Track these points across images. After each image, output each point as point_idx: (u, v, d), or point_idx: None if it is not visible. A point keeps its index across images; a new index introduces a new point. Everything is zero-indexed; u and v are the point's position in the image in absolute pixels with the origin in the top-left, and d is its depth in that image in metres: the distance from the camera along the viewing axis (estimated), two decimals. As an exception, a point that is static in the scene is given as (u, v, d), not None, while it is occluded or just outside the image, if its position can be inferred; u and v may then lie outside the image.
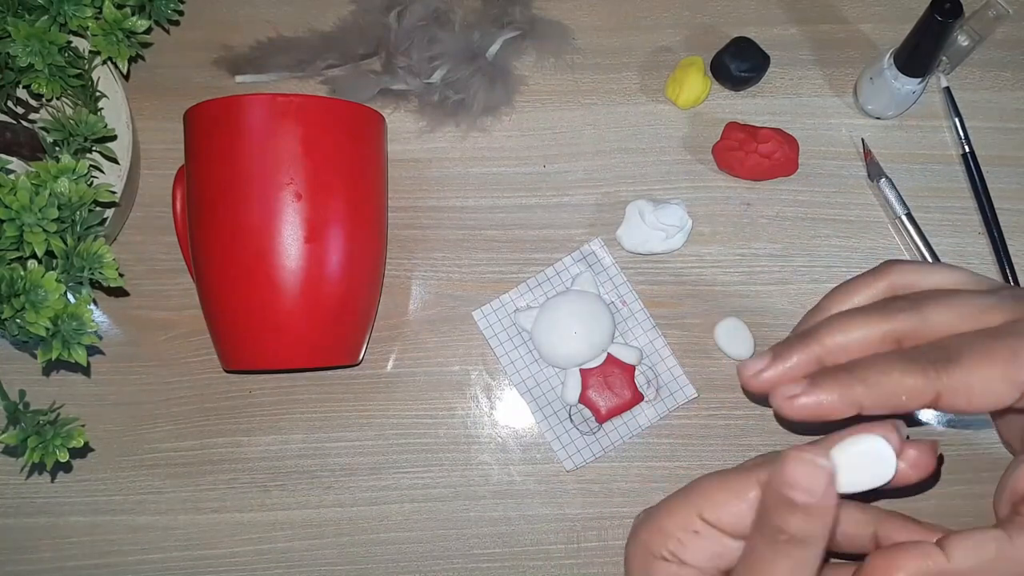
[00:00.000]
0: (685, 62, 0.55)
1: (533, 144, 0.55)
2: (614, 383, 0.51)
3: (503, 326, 0.53)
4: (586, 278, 0.52)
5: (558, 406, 0.52)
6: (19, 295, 0.40)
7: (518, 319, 0.52)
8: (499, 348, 0.53)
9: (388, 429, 0.53)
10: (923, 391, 0.30)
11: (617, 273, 0.53)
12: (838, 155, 0.55)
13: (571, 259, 0.53)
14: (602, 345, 0.51)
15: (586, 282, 0.52)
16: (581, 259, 0.53)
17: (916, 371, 0.30)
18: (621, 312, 0.53)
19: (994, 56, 0.56)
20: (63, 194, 0.42)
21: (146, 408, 0.53)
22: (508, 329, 0.53)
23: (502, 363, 0.52)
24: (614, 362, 0.51)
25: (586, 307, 0.51)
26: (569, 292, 0.52)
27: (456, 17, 0.55)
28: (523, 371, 0.52)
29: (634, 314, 0.53)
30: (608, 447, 0.51)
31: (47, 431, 0.42)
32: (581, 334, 0.50)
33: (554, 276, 0.53)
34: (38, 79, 0.47)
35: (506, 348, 0.53)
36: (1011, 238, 0.53)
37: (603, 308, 0.52)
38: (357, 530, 0.52)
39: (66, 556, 0.52)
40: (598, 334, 0.51)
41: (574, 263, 0.53)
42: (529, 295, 0.53)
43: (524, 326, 0.52)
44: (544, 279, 0.53)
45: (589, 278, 0.52)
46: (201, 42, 0.56)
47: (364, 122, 0.49)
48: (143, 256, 0.54)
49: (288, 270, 0.45)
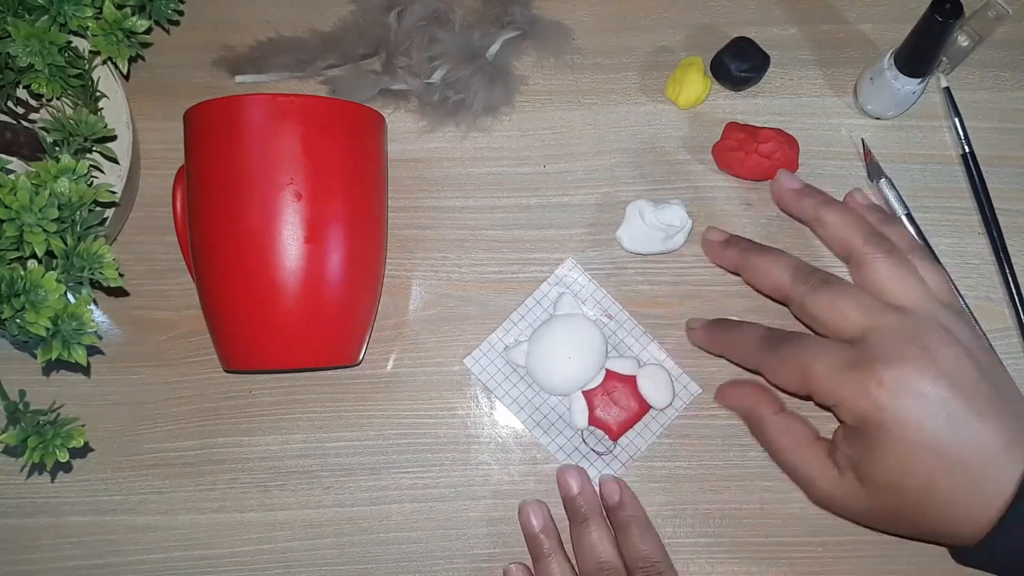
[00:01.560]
0: (685, 62, 0.55)
1: (533, 144, 0.55)
2: (619, 398, 0.51)
3: (497, 367, 0.52)
4: (567, 300, 0.52)
5: (570, 433, 0.52)
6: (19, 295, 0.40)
7: (510, 357, 0.52)
8: (498, 390, 0.52)
9: (388, 429, 0.53)
10: (784, 292, 0.47)
11: (596, 288, 0.53)
12: (838, 155, 0.55)
13: (547, 285, 0.53)
14: (598, 363, 0.51)
15: (568, 304, 0.52)
16: (558, 282, 0.53)
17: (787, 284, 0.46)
18: (609, 326, 0.52)
19: (994, 56, 0.56)
20: (63, 194, 0.42)
21: (146, 408, 0.53)
22: (503, 369, 0.52)
23: (504, 404, 0.52)
24: (614, 377, 0.51)
25: (574, 329, 0.51)
26: (553, 318, 0.52)
27: (456, 17, 0.55)
28: (527, 407, 0.52)
29: (622, 325, 0.53)
30: (627, 461, 0.51)
31: (47, 431, 0.42)
32: (575, 357, 0.50)
33: (535, 306, 0.53)
34: (38, 79, 0.47)
35: (505, 388, 0.52)
36: (1011, 238, 0.53)
37: (591, 326, 0.51)
38: (357, 530, 0.52)
39: (66, 556, 0.52)
40: (592, 353, 0.50)
41: (551, 288, 0.53)
42: (515, 330, 0.53)
43: (517, 362, 0.52)
44: (526, 311, 0.53)
45: (570, 299, 0.52)
46: (201, 42, 0.56)
47: (364, 122, 0.49)
48: (143, 256, 0.54)
49: (288, 270, 0.45)
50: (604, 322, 0.53)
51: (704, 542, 0.50)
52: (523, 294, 0.53)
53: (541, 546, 0.49)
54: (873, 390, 0.41)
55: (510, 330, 0.53)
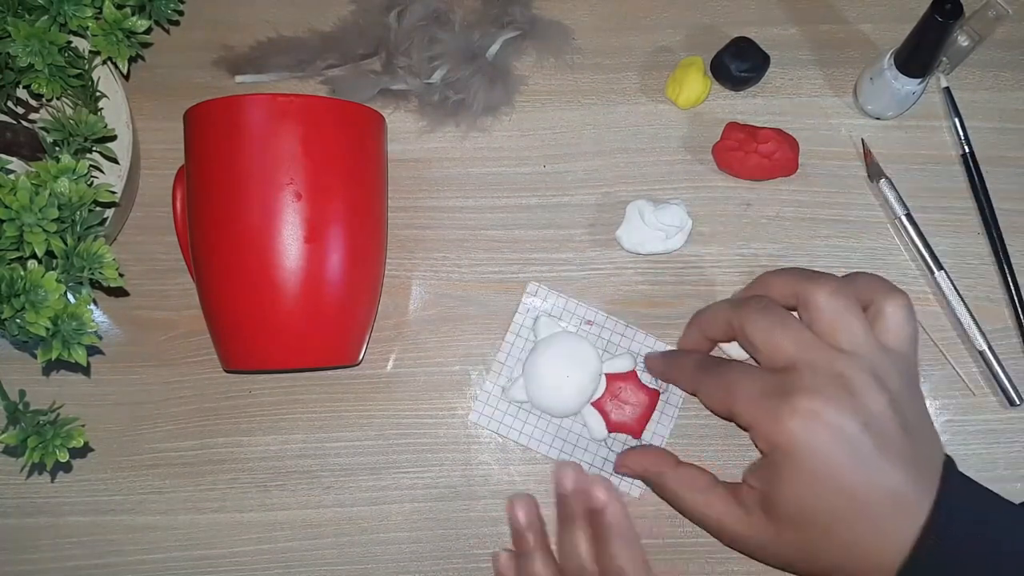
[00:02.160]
0: (685, 62, 0.55)
1: (533, 144, 0.55)
2: (627, 396, 0.51)
3: (502, 412, 0.52)
4: (544, 322, 0.52)
5: (595, 447, 0.52)
6: (19, 295, 0.40)
7: (510, 396, 0.51)
8: (512, 433, 0.52)
9: (388, 429, 0.53)
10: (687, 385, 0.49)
11: (567, 300, 0.53)
12: (838, 155, 0.55)
13: (520, 315, 0.53)
14: (596, 372, 0.51)
15: (546, 325, 0.52)
16: (528, 310, 0.53)
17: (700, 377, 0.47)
18: (592, 331, 0.52)
19: (994, 56, 0.56)
20: (63, 194, 0.42)
21: (146, 408, 0.53)
22: (508, 411, 0.52)
23: (524, 444, 0.52)
24: (615, 378, 0.51)
25: (561, 348, 0.51)
26: (538, 345, 0.51)
27: (456, 17, 0.55)
28: (545, 438, 0.52)
29: (604, 326, 0.52)
30: None
31: (47, 431, 0.42)
32: (573, 374, 0.50)
33: (515, 339, 0.53)
34: (38, 79, 0.47)
35: (518, 429, 0.52)
36: (1010, 238, 0.53)
37: (576, 339, 0.51)
38: (357, 530, 0.52)
39: (66, 556, 0.52)
40: (587, 364, 0.50)
41: (524, 316, 0.53)
42: (506, 369, 0.52)
43: (519, 399, 0.51)
44: (508, 347, 0.52)
45: (546, 320, 0.52)
46: (201, 42, 0.56)
47: (364, 122, 0.49)
48: (143, 256, 0.54)
49: (288, 270, 0.45)
50: (586, 330, 0.52)
51: (704, 542, 0.50)
52: (523, 294, 0.53)
53: (526, 542, 0.49)
54: (786, 417, 0.40)
55: (500, 372, 0.52)
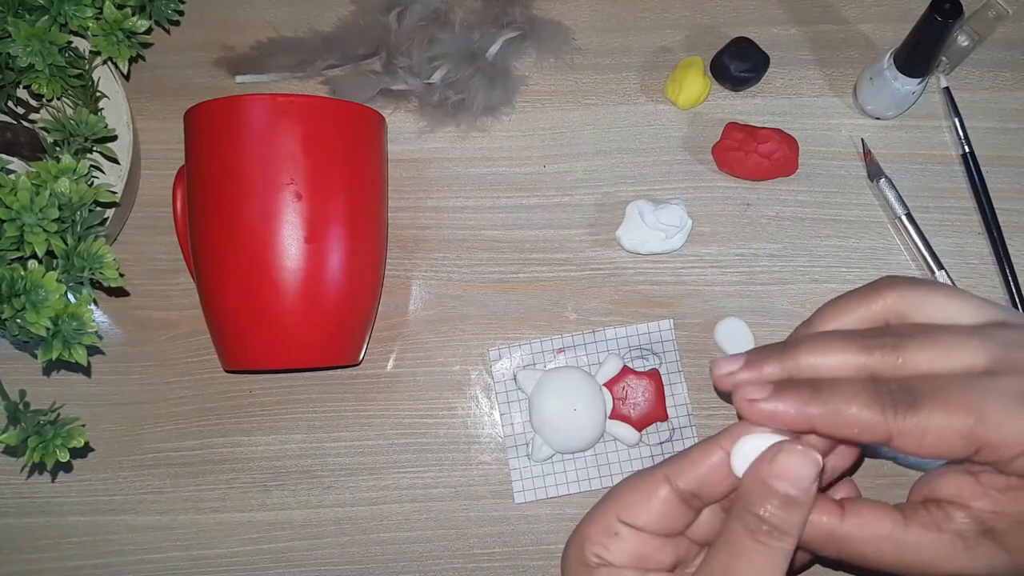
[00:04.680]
0: (685, 62, 0.55)
1: (533, 144, 0.55)
2: (634, 392, 0.51)
3: (541, 476, 0.51)
4: (524, 376, 0.52)
5: (636, 451, 0.51)
6: (19, 295, 0.40)
7: (537, 458, 0.51)
8: (563, 489, 0.51)
9: (388, 429, 0.53)
10: (876, 429, 0.30)
11: (528, 345, 0.52)
12: (838, 155, 0.55)
13: (500, 385, 0.52)
14: (596, 388, 0.51)
15: (527, 377, 0.52)
16: (502, 375, 0.52)
17: (875, 408, 0.30)
18: (569, 356, 0.52)
19: (994, 56, 0.56)
20: (63, 194, 0.42)
21: (146, 408, 0.53)
22: (545, 472, 0.51)
23: (583, 491, 0.51)
24: (613, 382, 0.51)
25: (554, 389, 0.50)
26: (531, 398, 0.51)
27: (456, 17, 0.55)
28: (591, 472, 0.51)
29: (575, 345, 0.52)
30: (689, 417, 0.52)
31: (47, 431, 0.42)
32: (579, 405, 0.50)
33: (508, 407, 0.52)
34: (38, 79, 0.47)
35: (565, 481, 0.51)
36: (1011, 238, 0.53)
37: (560, 373, 0.51)
38: (357, 530, 0.52)
39: (66, 556, 0.52)
40: (584, 388, 0.50)
41: (505, 379, 0.52)
42: (520, 438, 0.52)
43: (547, 455, 0.51)
44: (508, 419, 0.52)
45: (525, 374, 0.52)
46: (201, 42, 0.56)
47: (364, 122, 0.49)
48: (143, 256, 0.54)
49: (288, 270, 0.46)
50: (563, 360, 0.52)
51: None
52: (523, 294, 0.53)
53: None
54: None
55: (516, 444, 0.52)
